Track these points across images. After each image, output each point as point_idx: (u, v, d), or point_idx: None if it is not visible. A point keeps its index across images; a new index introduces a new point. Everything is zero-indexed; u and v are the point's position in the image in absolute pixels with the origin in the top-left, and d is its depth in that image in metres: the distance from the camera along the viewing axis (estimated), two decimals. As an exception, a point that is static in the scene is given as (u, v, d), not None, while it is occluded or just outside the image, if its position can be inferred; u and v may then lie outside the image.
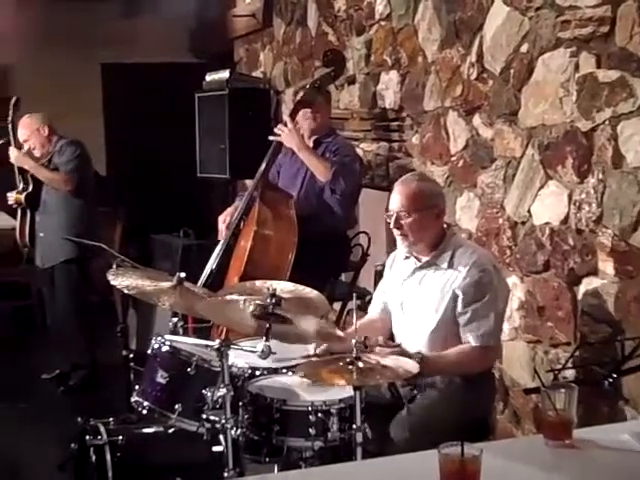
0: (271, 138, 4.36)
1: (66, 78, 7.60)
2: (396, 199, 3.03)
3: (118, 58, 7.79)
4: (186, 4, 7.16)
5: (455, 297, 2.97)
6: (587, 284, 3.21)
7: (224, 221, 4.37)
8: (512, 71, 3.58)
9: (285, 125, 4.27)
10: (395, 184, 3.14)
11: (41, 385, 5.42)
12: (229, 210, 4.45)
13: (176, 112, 6.75)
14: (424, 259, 3.09)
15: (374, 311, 3.34)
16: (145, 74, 7.81)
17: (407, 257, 3.16)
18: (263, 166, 4.33)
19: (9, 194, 5.35)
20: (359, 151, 4.73)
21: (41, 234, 5.33)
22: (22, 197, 5.30)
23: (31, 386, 5.40)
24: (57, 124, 5.40)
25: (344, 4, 5.12)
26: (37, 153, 5.27)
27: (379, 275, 3.63)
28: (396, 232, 3.06)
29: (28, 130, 5.25)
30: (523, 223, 3.57)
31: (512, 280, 3.57)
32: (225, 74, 5.91)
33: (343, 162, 4.20)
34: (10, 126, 5.31)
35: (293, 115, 4.28)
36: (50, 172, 5.19)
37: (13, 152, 5.24)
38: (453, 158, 4.06)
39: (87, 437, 3.04)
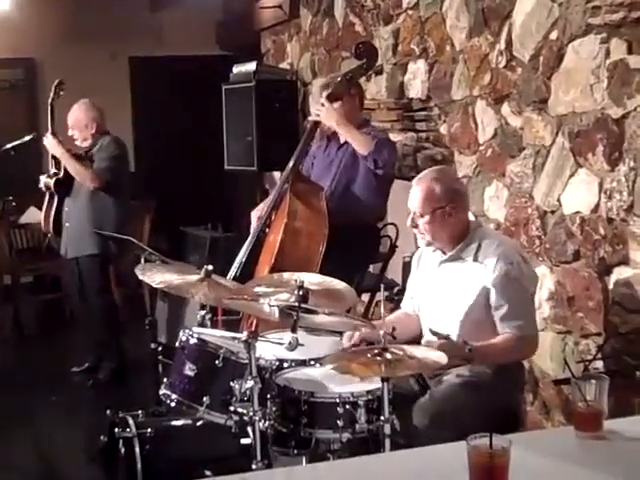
0: (310, 118, 4.36)
1: (94, 72, 7.63)
2: (412, 198, 3.03)
3: (146, 51, 7.82)
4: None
5: (486, 292, 2.95)
6: (618, 274, 3.17)
7: (258, 217, 4.35)
8: (541, 58, 3.53)
9: (322, 105, 4.25)
10: (413, 181, 3.11)
11: (71, 378, 5.46)
12: (262, 206, 4.44)
13: (204, 105, 6.76)
14: (449, 253, 3.07)
15: (406, 305, 3.33)
16: (172, 67, 7.83)
17: (434, 250, 3.14)
18: (293, 158, 4.32)
19: (41, 177, 5.31)
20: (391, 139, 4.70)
21: (67, 224, 5.32)
22: (51, 182, 5.25)
23: (61, 379, 5.44)
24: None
25: (371, -6, 5.09)
26: (78, 142, 5.29)
27: (407, 266, 3.60)
28: (414, 230, 3.06)
29: (76, 122, 5.25)
30: (553, 212, 3.53)
31: (541, 270, 3.53)
32: (252, 66, 5.89)
33: (383, 137, 4.21)
34: (49, 108, 5.25)
35: (329, 98, 4.25)
36: (80, 166, 5.16)
37: (48, 138, 5.21)
38: (481, 147, 4.02)
39: (116, 430, 3.05)
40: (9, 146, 5.32)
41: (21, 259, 6.89)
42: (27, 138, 5.29)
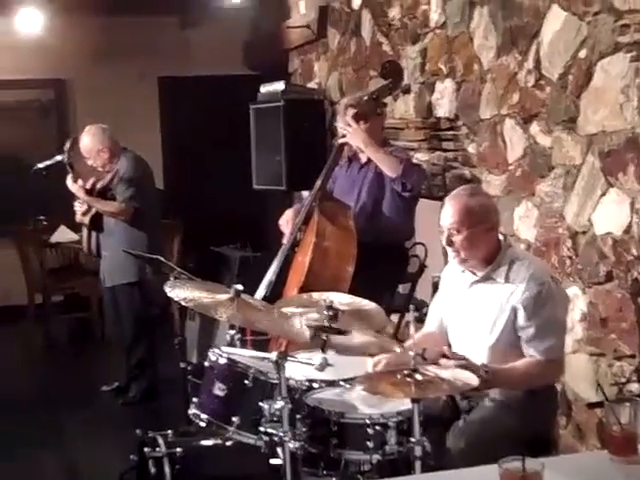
0: (340, 141, 4.35)
1: (123, 92, 7.72)
2: (446, 215, 3.00)
3: (174, 72, 7.89)
4: (241, 16, 7.21)
5: (515, 312, 2.92)
6: (652, 295, 3.14)
7: (287, 223, 4.35)
8: (570, 77, 3.51)
9: (349, 125, 4.25)
10: (446, 198, 3.09)
11: (101, 396, 5.48)
12: (289, 213, 4.45)
13: (232, 124, 6.80)
14: (480, 273, 3.05)
15: (431, 325, 3.30)
16: (201, 87, 7.88)
17: (463, 271, 3.12)
18: (321, 178, 4.32)
19: (76, 206, 5.35)
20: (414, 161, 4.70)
21: (105, 253, 5.39)
22: (86, 220, 5.34)
23: (91, 397, 5.47)
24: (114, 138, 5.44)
25: (398, 13, 5.10)
26: (100, 168, 5.34)
27: (436, 286, 3.59)
28: (448, 249, 3.03)
29: (89, 151, 5.29)
30: (584, 233, 3.50)
31: (573, 291, 3.50)
32: (280, 85, 5.93)
33: (409, 158, 4.20)
34: (67, 162, 5.29)
35: (356, 118, 4.25)
36: (105, 204, 5.23)
37: (69, 184, 5.26)
38: (511, 167, 4.01)
39: (146, 449, 3.06)
40: (40, 166, 5.36)
41: (52, 278, 6.95)
42: (58, 158, 5.33)
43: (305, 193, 5.52)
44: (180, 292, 3.08)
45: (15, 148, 7.72)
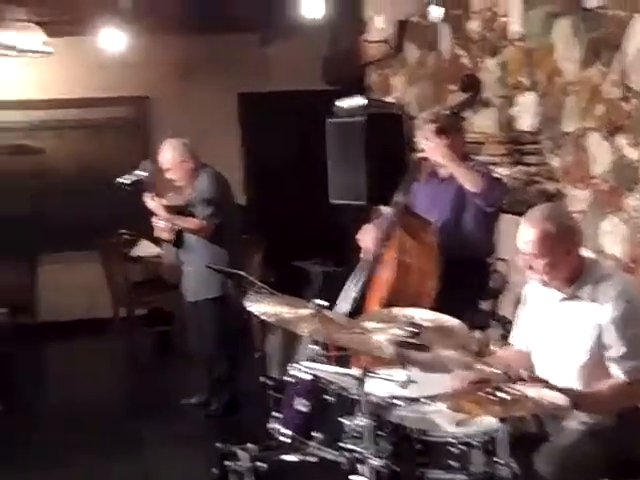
0: (420, 155, 4.32)
1: (204, 109, 7.84)
2: (524, 240, 2.91)
3: (254, 87, 7.97)
4: (319, 32, 7.26)
5: (602, 331, 2.85)
6: None
7: (366, 238, 4.34)
8: (657, 89, 3.44)
9: (428, 140, 4.22)
10: (522, 218, 2.99)
11: (182, 409, 5.54)
12: (368, 228, 4.43)
13: (311, 139, 6.83)
14: (564, 292, 2.98)
15: (516, 341, 3.24)
16: (280, 102, 7.94)
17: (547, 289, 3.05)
18: (401, 193, 4.30)
19: (155, 222, 5.38)
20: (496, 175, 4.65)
21: (188, 268, 5.44)
22: (165, 236, 5.38)
23: (173, 410, 5.53)
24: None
25: (477, 26, 5.07)
26: (178, 183, 5.41)
27: (519, 303, 3.53)
28: (528, 272, 2.97)
29: (170, 162, 5.33)
30: (674, 248, 3.41)
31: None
32: (358, 100, 5.92)
33: (489, 172, 4.16)
34: (145, 179, 5.35)
35: (436, 133, 4.21)
36: (185, 221, 5.27)
37: (149, 200, 5.32)
38: (596, 181, 3.93)
39: (227, 462, 3.08)
40: (123, 181, 5.44)
41: (136, 292, 7.07)
42: (139, 174, 5.41)
43: (384, 208, 5.50)
44: (261, 307, 3.10)
45: (100, 163, 7.91)
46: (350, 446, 2.83)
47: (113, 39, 6.54)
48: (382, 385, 2.95)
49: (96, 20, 6.39)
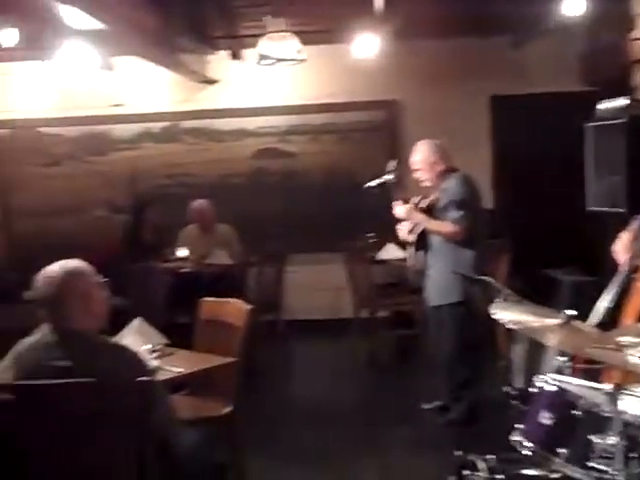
0: None
1: (453, 112, 7.78)
2: None
3: (507, 90, 7.84)
4: (575, 30, 6.94)
5: None
6: None
7: (622, 249, 4.06)
8: None
9: None
10: None
11: (421, 414, 5.48)
12: (624, 238, 4.14)
13: (566, 143, 6.55)
14: None
15: None
16: (532, 105, 7.76)
17: None
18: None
19: (399, 226, 5.43)
20: None
21: (431, 272, 5.40)
22: (411, 238, 5.36)
23: (412, 414, 5.49)
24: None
25: None
26: (427, 184, 5.36)
27: None
28: None
29: (423, 161, 5.32)
30: None
31: None
32: (622, 101, 5.58)
33: None
34: (393, 182, 5.35)
35: None
36: (439, 225, 5.21)
37: (399, 207, 5.31)
38: None
39: (465, 471, 2.99)
40: (371, 184, 5.50)
41: (379, 294, 7.12)
42: (386, 177, 5.43)
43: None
44: (507, 314, 3.04)
45: (348, 167, 8.11)
46: (600, 466, 2.63)
47: (364, 45, 6.62)
48: (637, 403, 2.72)
49: (350, 27, 6.49)
